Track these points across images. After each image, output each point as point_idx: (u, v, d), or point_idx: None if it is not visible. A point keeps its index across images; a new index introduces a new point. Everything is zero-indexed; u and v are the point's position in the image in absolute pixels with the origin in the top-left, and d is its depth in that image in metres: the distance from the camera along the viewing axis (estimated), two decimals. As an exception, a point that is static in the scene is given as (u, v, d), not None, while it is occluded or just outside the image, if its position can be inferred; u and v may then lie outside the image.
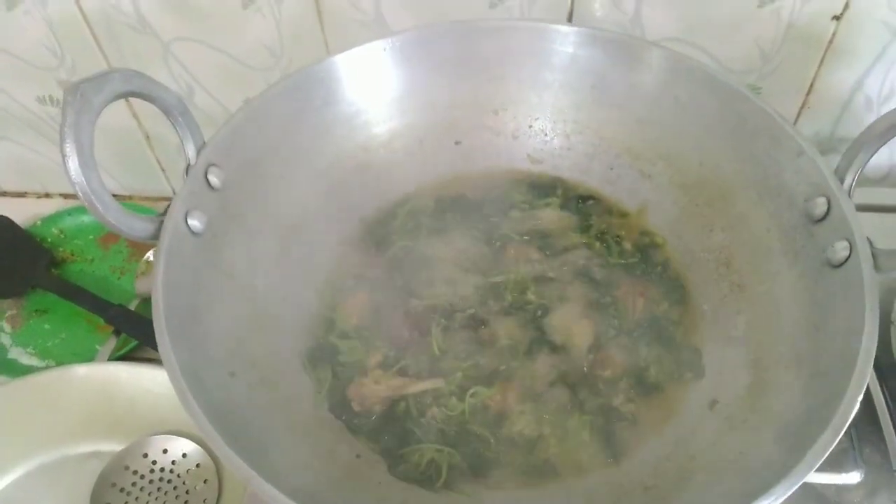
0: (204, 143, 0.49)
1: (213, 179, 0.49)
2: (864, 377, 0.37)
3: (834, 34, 0.67)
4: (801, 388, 0.41)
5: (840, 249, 0.44)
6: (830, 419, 0.35)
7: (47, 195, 0.95)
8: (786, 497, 0.34)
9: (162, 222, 0.45)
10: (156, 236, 0.45)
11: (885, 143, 0.45)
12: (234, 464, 0.35)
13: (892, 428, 0.55)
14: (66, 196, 0.93)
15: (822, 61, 0.70)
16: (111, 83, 0.42)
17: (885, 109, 0.70)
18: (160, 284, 0.42)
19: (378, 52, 0.58)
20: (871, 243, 0.43)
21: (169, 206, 0.46)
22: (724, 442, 0.43)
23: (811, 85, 0.72)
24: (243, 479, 0.35)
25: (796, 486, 0.34)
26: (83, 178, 0.41)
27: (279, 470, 0.38)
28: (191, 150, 0.48)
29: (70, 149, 0.40)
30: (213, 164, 0.49)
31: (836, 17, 0.66)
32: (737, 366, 0.48)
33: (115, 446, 0.66)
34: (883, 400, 0.56)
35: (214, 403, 0.39)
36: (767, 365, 0.45)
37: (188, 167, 0.48)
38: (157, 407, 0.66)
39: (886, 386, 0.57)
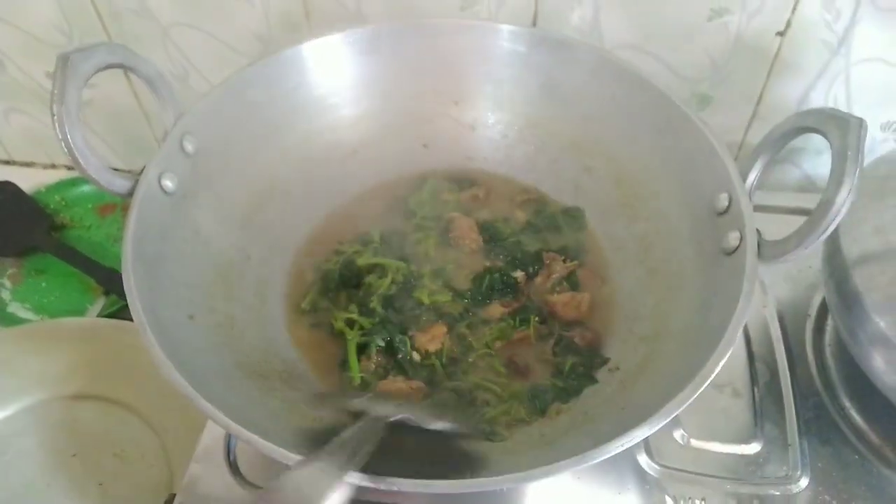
0: (181, 112, 0.55)
1: (188, 146, 0.55)
2: (728, 348, 0.42)
3: (779, 49, 0.72)
4: (683, 354, 0.47)
5: (732, 239, 0.49)
6: (690, 381, 0.41)
7: (53, 166, 1.00)
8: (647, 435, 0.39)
9: (137, 180, 0.51)
10: (131, 192, 0.50)
11: (781, 148, 0.49)
12: (179, 384, 0.41)
13: (793, 410, 0.59)
14: (69, 168, 0.99)
15: (769, 73, 0.75)
16: (98, 54, 0.48)
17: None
18: (130, 233, 0.48)
19: (339, 43, 0.63)
20: (759, 234, 0.48)
21: (145, 166, 0.52)
22: (615, 399, 0.48)
23: (760, 96, 0.77)
24: (187, 397, 0.41)
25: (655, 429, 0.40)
26: (69, 136, 0.47)
27: (220, 395, 0.43)
28: (168, 118, 0.54)
29: (58, 110, 0.46)
30: (189, 133, 0.55)
31: (780, 34, 0.71)
32: (638, 339, 0.53)
33: (95, 392, 0.72)
34: (790, 384, 0.61)
35: (169, 338, 0.45)
36: (663, 337, 0.51)
37: (165, 133, 0.54)
38: (136, 360, 0.71)
39: (794, 374, 0.62)
